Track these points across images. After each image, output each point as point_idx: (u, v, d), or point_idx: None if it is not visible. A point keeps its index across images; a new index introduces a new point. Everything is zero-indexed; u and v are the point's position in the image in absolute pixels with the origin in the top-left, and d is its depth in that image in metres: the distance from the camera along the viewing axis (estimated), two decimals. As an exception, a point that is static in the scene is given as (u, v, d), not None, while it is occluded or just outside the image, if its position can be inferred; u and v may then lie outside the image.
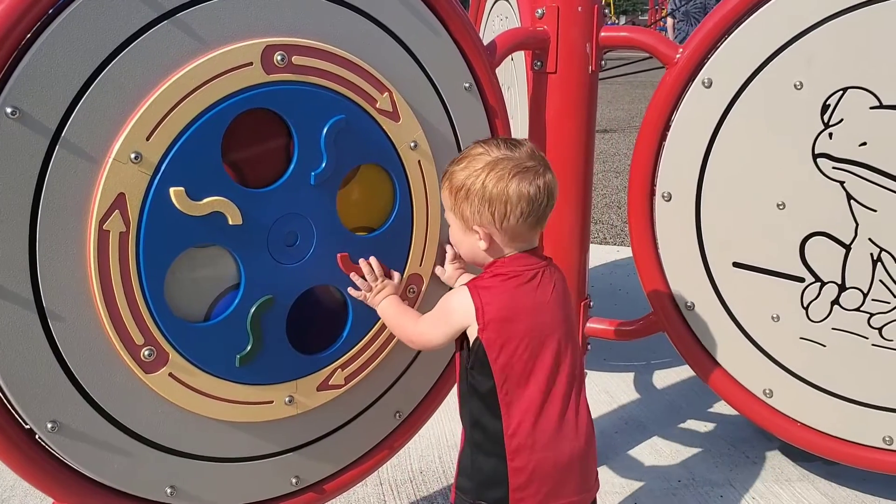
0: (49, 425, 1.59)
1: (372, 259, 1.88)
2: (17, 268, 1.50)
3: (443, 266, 2.02)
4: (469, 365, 1.66)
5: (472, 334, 1.64)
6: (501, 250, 1.67)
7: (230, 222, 1.67)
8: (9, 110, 1.43)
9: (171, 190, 1.59)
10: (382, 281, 1.88)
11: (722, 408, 3.09)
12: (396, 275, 1.92)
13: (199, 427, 1.77)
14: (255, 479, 1.89)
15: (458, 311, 1.65)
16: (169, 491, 1.77)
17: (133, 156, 1.55)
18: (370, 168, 1.90)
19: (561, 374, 1.64)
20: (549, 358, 1.63)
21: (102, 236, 1.55)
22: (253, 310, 1.74)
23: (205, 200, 1.63)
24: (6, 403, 1.57)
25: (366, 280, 1.87)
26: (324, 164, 1.78)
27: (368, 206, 1.94)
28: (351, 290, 1.87)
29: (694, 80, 2.21)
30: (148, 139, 1.56)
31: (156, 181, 1.58)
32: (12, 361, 1.53)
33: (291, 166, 1.76)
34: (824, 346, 2.27)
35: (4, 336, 1.51)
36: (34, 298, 1.53)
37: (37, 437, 1.61)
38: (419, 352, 2.08)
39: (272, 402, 1.83)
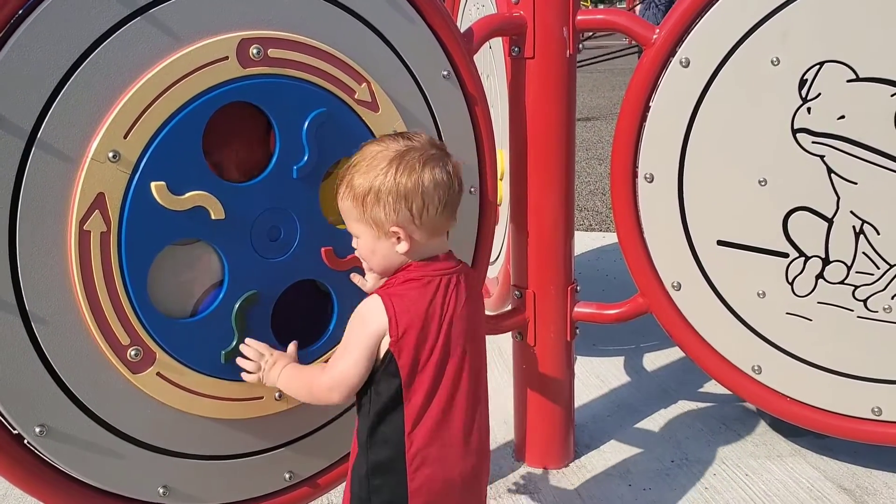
0: (37, 429, 1.58)
1: (250, 341, 1.74)
2: (-2, 271, 1.49)
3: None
4: (377, 377, 1.55)
5: (384, 345, 1.53)
6: (421, 248, 1.57)
7: (212, 217, 1.66)
8: (-17, 113, 1.42)
9: (153, 184, 1.59)
10: (272, 355, 1.72)
11: (712, 387, 3.10)
12: (291, 346, 1.77)
13: (190, 425, 1.76)
14: (248, 475, 1.88)
15: (373, 322, 1.53)
16: (162, 491, 1.76)
17: (111, 155, 1.54)
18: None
19: (462, 387, 1.57)
20: (452, 370, 1.56)
21: (83, 237, 1.54)
22: (237, 305, 1.74)
23: (186, 195, 1.63)
24: (-7, 409, 1.56)
25: (253, 361, 1.73)
26: (306, 158, 1.77)
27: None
28: (243, 375, 1.74)
29: (671, 60, 2.21)
30: (125, 137, 1.55)
31: (135, 179, 1.57)
32: (-3, 367, 1.52)
33: (273, 160, 1.75)
34: (810, 320, 2.28)
35: (-12, 341, 1.50)
36: (16, 302, 1.52)
37: (25, 441, 1.60)
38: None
39: (262, 397, 1.82)
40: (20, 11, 1.46)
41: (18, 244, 1.50)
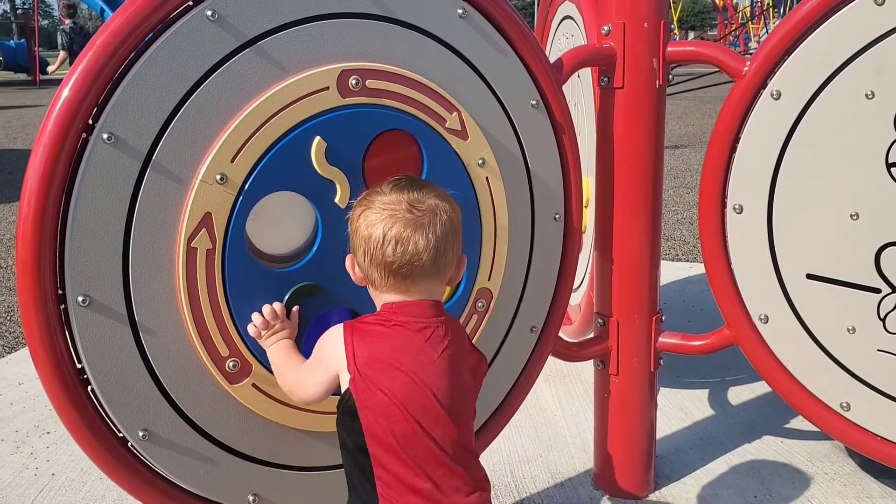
0: (140, 433, 1.68)
1: (276, 304, 1.73)
2: (112, 283, 1.60)
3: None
4: (340, 413, 1.54)
5: (344, 383, 1.49)
6: (383, 292, 1.54)
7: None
8: (105, 136, 1.54)
9: None
10: (281, 323, 1.72)
11: (799, 423, 3.03)
12: (295, 315, 1.77)
13: (281, 436, 1.84)
14: (335, 487, 1.93)
15: (328, 354, 1.52)
16: (252, 498, 1.84)
17: (218, 177, 1.64)
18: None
19: (443, 445, 1.45)
20: (429, 424, 1.44)
21: (190, 253, 1.64)
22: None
23: (285, 217, 1.72)
24: (102, 412, 1.67)
25: (263, 318, 1.71)
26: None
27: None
28: (249, 327, 1.72)
29: (762, 92, 2.21)
30: (232, 161, 1.65)
31: (240, 201, 1.67)
32: (107, 372, 1.63)
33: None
34: (903, 358, 2.22)
35: (100, 348, 1.61)
36: (127, 313, 1.63)
37: (129, 444, 1.70)
38: (489, 366, 2.11)
39: (349, 412, 1.88)
40: (141, 44, 1.58)
41: (131, 258, 1.61)
